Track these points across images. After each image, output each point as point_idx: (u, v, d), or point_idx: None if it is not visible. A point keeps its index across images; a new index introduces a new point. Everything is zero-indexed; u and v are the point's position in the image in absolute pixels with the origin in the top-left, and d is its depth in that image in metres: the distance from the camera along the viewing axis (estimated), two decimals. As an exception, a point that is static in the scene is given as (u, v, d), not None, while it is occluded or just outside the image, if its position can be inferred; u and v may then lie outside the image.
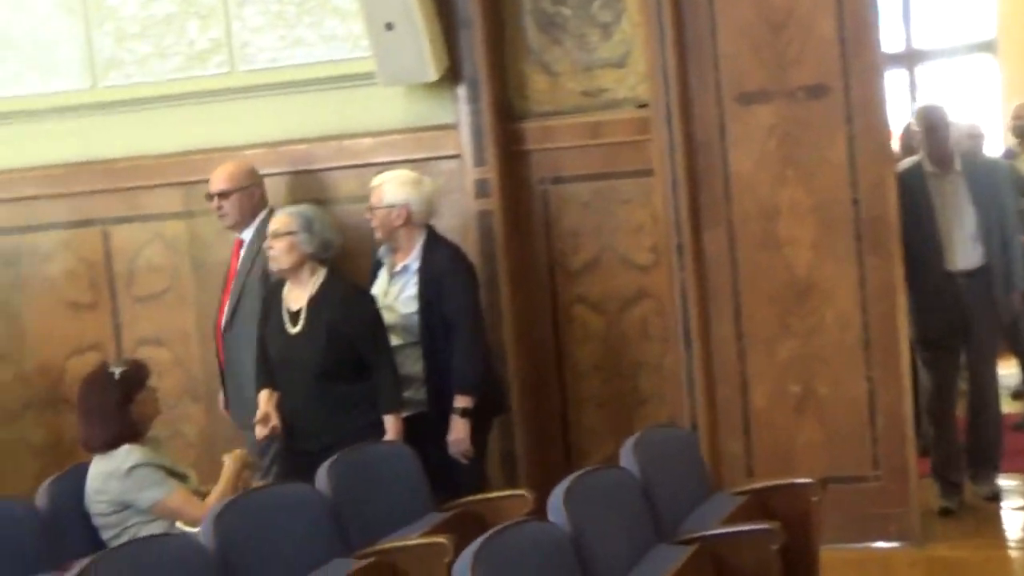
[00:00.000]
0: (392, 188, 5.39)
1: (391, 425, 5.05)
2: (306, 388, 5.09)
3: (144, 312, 6.41)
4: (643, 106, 5.81)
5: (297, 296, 5.18)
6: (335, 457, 4.36)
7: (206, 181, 6.18)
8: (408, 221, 5.39)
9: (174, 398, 6.37)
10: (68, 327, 6.48)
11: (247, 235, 5.76)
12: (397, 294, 5.40)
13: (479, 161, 5.88)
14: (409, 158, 5.95)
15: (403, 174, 5.50)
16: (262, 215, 5.73)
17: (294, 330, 5.12)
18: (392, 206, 5.38)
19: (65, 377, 6.48)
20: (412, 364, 5.36)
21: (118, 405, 4.48)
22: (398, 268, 5.42)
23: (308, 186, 6.13)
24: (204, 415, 6.32)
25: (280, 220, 5.17)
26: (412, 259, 5.41)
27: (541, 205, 6.00)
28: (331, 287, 5.13)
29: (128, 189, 6.35)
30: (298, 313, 5.14)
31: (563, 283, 6.02)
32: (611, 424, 6.01)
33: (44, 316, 6.52)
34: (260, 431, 5.10)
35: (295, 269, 5.13)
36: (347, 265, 5.61)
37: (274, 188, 6.11)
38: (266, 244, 5.16)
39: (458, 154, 5.92)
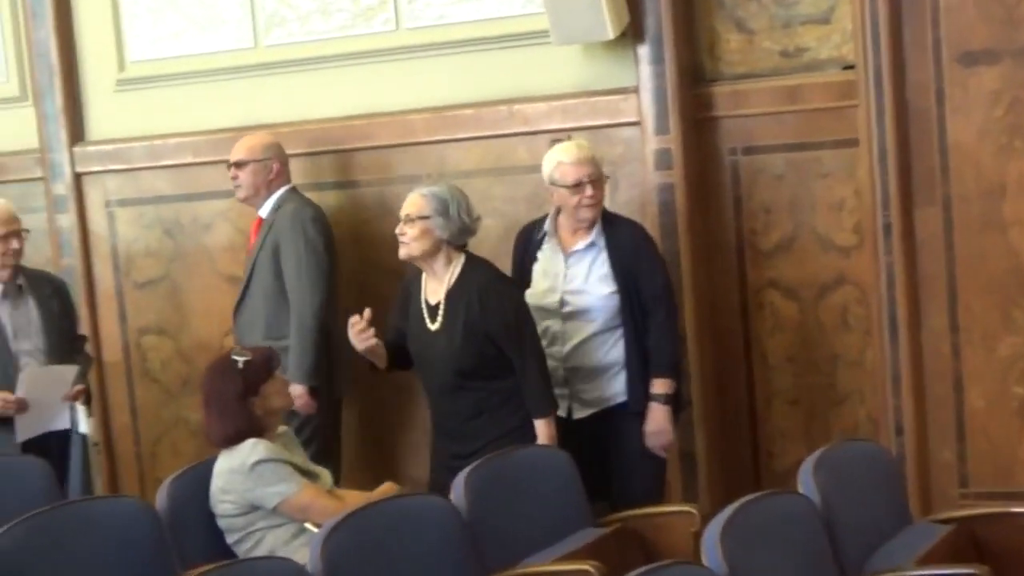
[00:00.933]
0: (599, 158, 4.95)
1: (543, 430, 4.53)
2: (449, 388, 4.64)
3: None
4: (849, 67, 5.14)
5: (434, 288, 4.70)
6: (475, 464, 3.88)
7: (368, 149, 5.79)
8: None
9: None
10: (226, 302, 6.13)
11: (264, 212, 5.54)
12: (585, 275, 4.87)
13: (661, 129, 5.28)
14: (584, 125, 5.40)
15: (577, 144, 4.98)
16: (280, 192, 5.53)
17: (433, 327, 4.65)
18: (607, 176, 4.95)
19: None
20: (609, 350, 4.86)
21: (240, 397, 4.08)
22: (578, 247, 4.88)
23: (474, 154, 5.64)
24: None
25: (413, 202, 4.67)
26: (594, 236, 4.88)
27: (730, 178, 5.37)
28: (468, 278, 4.63)
29: (289, 156, 5.94)
30: (436, 307, 4.66)
31: (753, 266, 5.38)
32: (804, 424, 5.38)
33: (203, 290, 6.19)
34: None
35: (428, 257, 4.66)
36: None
37: (437, 156, 5.65)
38: (398, 229, 4.68)
39: (638, 121, 5.33)
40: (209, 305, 6.18)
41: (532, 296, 4.87)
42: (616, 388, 4.86)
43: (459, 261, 4.64)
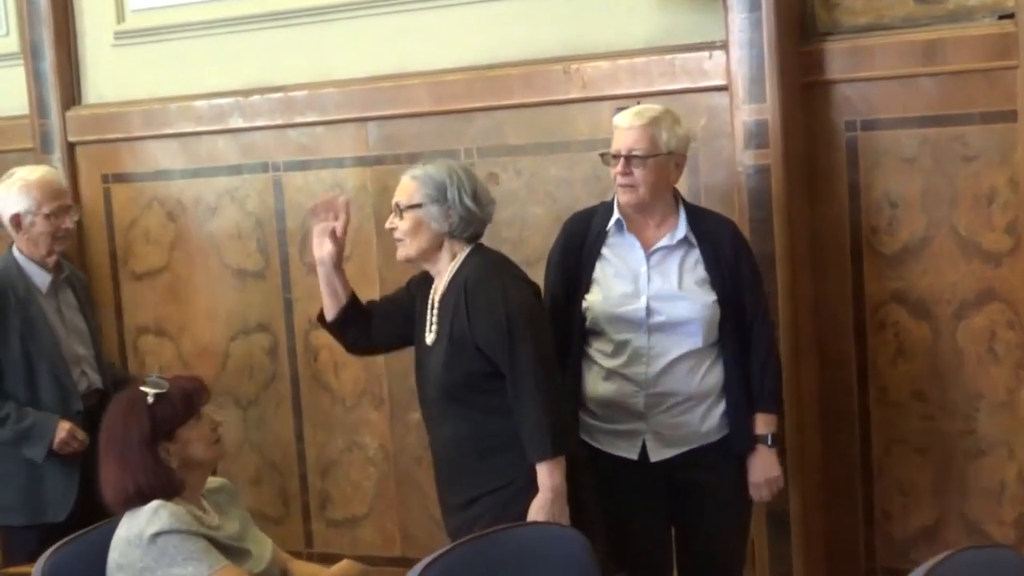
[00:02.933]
0: (669, 127, 3.71)
1: (544, 481, 3.38)
2: (438, 415, 3.56)
3: (318, 286, 4.97)
4: (1006, 17, 3.91)
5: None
6: (439, 554, 2.76)
7: (395, 117, 4.72)
8: (673, 176, 3.78)
9: (354, 397, 4.96)
10: (233, 300, 5.14)
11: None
12: (678, 278, 3.74)
13: (755, 95, 4.09)
14: (657, 89, 4.24)
15: (669, 110, 3.79)
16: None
17: (429, 338, 3.55)
18: (672, 152, 3.72)
19: (228, 364, 5.17)
20: (706, 374, 3.77)
21: (147, 442, 3.03)
22: (663, 242, 3.74)
23: (522, 125, 4.52)
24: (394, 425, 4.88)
25: (402, 188, 3.56)
26: (680, 230, 3.74)
27: (845, 160, 4.16)
28: (460, 274, 3.51)
29: (304, 125, 4.91)
30: (434, 316, 3.57)
31: (873, 273, 4.17)
32: (932, 481, 4.17)
33: (208, 285, 5.19)
34: None
35: (429, 257, 3.55)
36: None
37: (477, 126, 4.56)
38: (388, 223, 3.59)
39: (725, 85, 4.15)
40: (214, 303, 5.18)
41: (606, 303, 3.76)
42: (711, 422, 3.77)
43: (461, 257, 3.53)
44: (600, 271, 3.80)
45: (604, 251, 3.80)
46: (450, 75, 4.61)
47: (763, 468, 3.76)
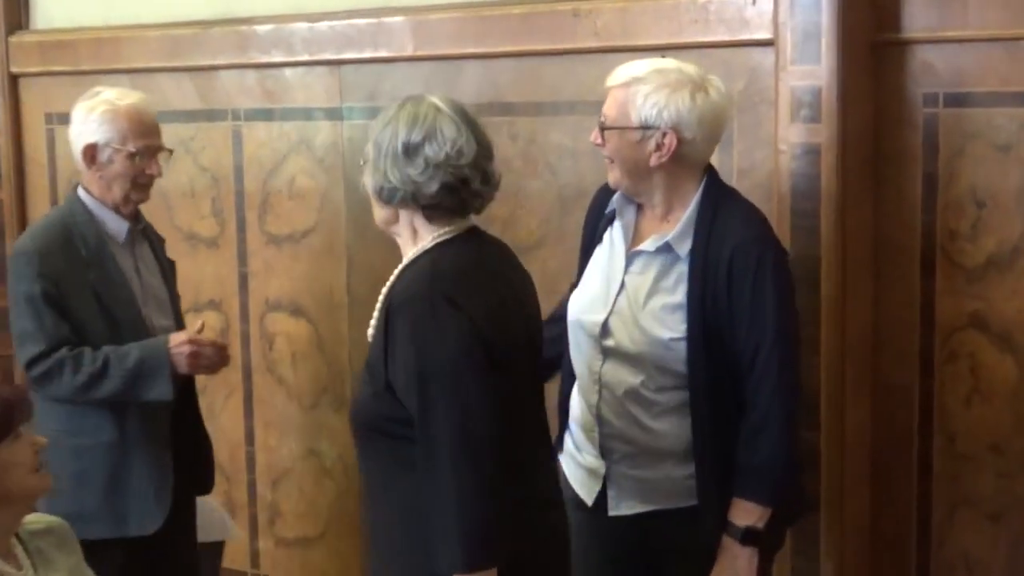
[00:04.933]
0: (649, 93, 2.82)
1: None
2: (362, 456, 2.63)
3: (279, 260, 4.17)
4: None
5: None
6: None
7: (367, 61, 3.89)
8: (675, 156, 2.83)
9: (312, 396, 4.16)
10: (182, 270, 4.32)
11: None
12: (645, 296, 2.87)
13: (808, 54, 3.18)
14: (687, 41, 3.37)
15: (670, 69, 2.88)
16: None
17: (369, 332, 2.60)
18: (649, 127, 2.81)
19: (174, 342, 4.38)
20: (664, 424, 2.88)
21: None
22: (646, 245, 2.89)
23: (521, 80, 3.66)
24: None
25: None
26: (678, 230, 2.86)
27: (920, 144, 3.25)
28: (401, 278, 2.56)
29: (268, 66, 4.09)
30: None
31: (947, 290, 3.25)
32: (1008, 554, 3.25)
33: (156, 250, 4.40)
34: None
35: (392, 231, 2.64)
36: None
37: (466, 77, 3.71)
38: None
39: (771, 39, 3.25)
40: (162, 272, 4.39)
41: (575, 304, 2.97)
42: (675, 485, 2.90)
43: (423, 245, 2.58)
44: (592, 261, 3.00)
45: (605, 236, 2.98)
46: (437, 13, 3.77)
47: (724, 569, 2.85)
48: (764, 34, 3.26)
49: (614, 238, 2.97)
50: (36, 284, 3.26)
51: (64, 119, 4.49)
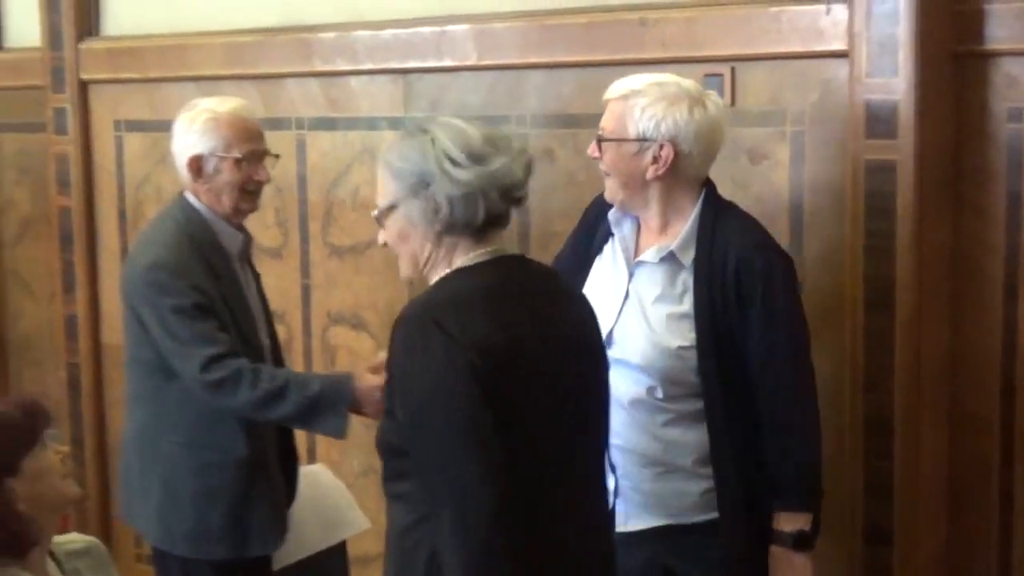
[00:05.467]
0: (647, 106, 2.76)
1: None
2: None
3: (341, 273, 4.10)
4: None
5: None
6: None
7: (430, 70, 3.80)
8: (672, 169, 2.77)
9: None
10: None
11: None
12: (648, 306, 2.82)
13: (885, 66, 3.02)
14: (758, 52, 3.24)
15: (668, 83, 2.81)
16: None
17: None
18: (646, 139, 2.75)
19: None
20: (679, 434, 2.81)
21: None
22: (648, 256, 2.83)
23: (586, 91, 3.52)
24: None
25: (378, 183, 2.36)
26: (681, 239, 2.80)
27: (1004, 161, 3.07)
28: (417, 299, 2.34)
29: (332, 74, 4.01)
30: None
31: (1032, 316, 3.10)
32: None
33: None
34: None
35: (422, 272, 2.38)
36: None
37: (530, 88, 3.59)
38: (380, 238, 2.42)
39: (846, 50, 3.10)
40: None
41: None
42: (688, 499, 2.83)
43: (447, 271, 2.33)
44: (594, 273, 2.95)
45: (606, 248, 2.95)
46: (500, 21, 3.66)
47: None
48: (839, 45, 3.11)
49: (615, 250, 2.92)
50: (187, 297, 3.05)
51: (132, 126, 4.54)
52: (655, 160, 2.77)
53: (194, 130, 3.22)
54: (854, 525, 3.18)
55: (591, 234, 2.98)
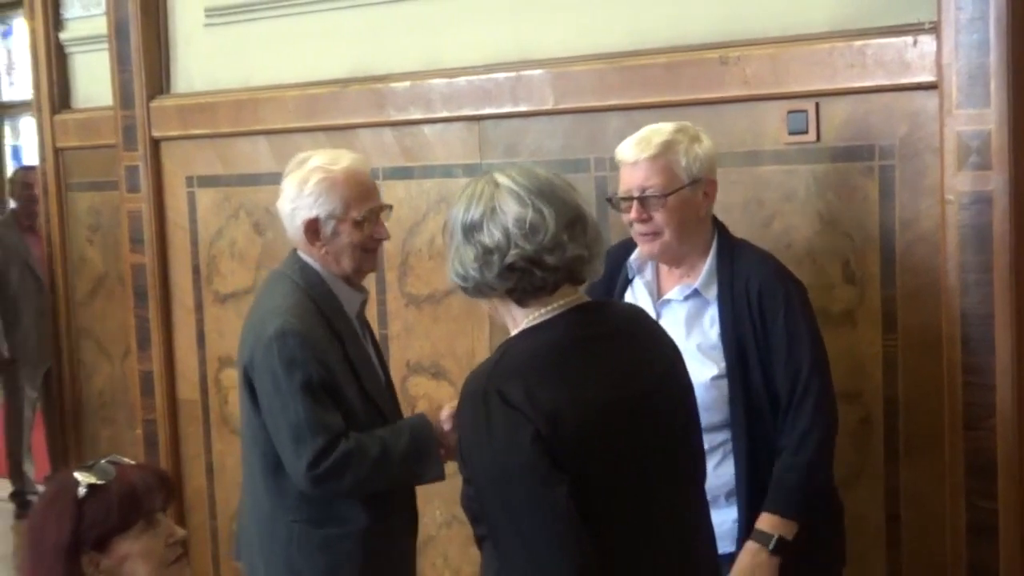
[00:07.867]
0: (687, 149, 2.95)
1: None
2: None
3: (419, 322, 4.07)
4: None
5: None
6: None
7: (506, 116, 3.78)
8: (703, 207, 2.99)
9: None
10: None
11: None
12: (683, 339, 2.86)
13: (976, 97, 2.97)
14: (843, 87, 3.20)
15: (679, 126, 3.01)
16: None
17: None
18: (697, 180, 2.95)
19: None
20: (715, 469, 2.88)
21: (67, 551, 2.15)
22: (673, 294, 2.98)
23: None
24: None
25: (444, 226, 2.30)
26: (703, 277, 2.96)
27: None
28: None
29: (406, 123, 4.00)
30: None
31: None
32: None
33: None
34: None
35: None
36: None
37: (611, 130, 3.56)
38: None
39: (935, 82, 3.05)
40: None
41: None
42: (722, 526, 2.79)
43: (516, 330, 2.25)
44: None
45: (626, 293, 3.08)
46: (577, 64, 3.63)
47: (745, 571, 2.83)
48: (927, 77, 3.06)
49: (635, 295, 3.04)
50: (312, 370, 2.88)
51: (204, 181, 4.53)
52: (705, 195, 2.95)
53: (307, 192, 3.00)
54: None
55: (611, 285, 3.04)
